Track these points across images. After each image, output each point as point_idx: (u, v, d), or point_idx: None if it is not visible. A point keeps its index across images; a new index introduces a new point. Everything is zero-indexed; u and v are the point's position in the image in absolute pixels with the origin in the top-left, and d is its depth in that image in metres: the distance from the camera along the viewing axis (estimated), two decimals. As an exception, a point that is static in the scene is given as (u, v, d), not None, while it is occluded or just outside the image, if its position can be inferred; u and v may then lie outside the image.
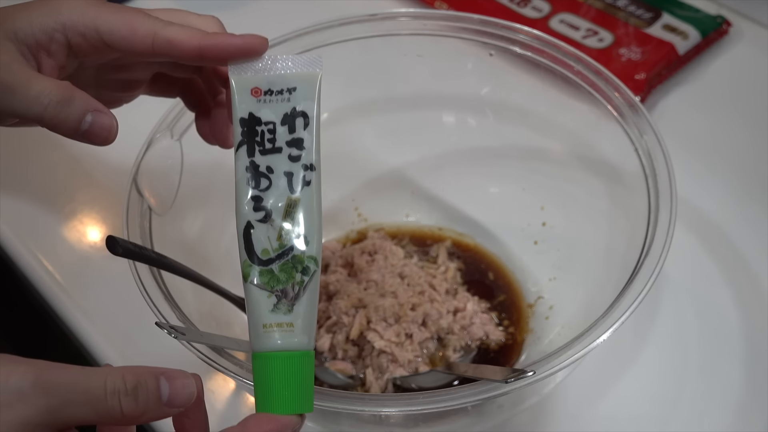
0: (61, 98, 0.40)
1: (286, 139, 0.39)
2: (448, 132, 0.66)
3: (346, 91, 0.63)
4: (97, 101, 0.41)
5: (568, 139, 0.60)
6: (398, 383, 0.54)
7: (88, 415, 0.33)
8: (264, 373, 0.38)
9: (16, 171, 0.70)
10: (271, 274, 0.38)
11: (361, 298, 0.57)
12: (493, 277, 0.62)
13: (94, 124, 0.40)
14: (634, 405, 0.54)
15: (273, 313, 0.38)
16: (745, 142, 0.69)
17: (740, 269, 0.60)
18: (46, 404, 0.32)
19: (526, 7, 0.79)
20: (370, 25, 0.59)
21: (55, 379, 0.32)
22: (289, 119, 0.39)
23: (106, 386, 0.33)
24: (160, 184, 0.52)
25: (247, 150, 0.39)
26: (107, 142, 0.41)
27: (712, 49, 0.76)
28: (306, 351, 0.38)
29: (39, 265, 0.64)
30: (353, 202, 0.66)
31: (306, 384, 0.38)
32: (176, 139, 0.53)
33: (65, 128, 0.40)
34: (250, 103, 0.39)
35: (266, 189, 0.39)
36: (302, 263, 0.38)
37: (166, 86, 0.49)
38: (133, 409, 0.33)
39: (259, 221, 0.38)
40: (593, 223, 0.57)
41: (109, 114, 0.41)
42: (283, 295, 0.38)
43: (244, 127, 0.39)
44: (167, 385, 0.34)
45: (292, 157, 0.39)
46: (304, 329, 0.38)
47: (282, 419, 0.37)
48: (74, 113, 0.40)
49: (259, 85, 0.39)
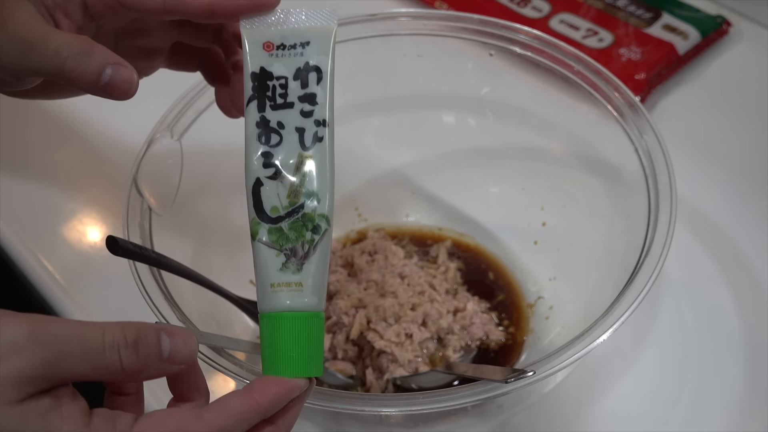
0: (81, 50, 0.39)
1: (299, 94, 0.38)
2: (448, 132, 0.66)
3: (346, 91, 0.63)
4: (117, 55, 0.40)
5: (568, 139, 0.60)
6: (398, 383, 0.54)
7: (85, 368, 0.32)
8: (271, 334, 0.36)
9: (16, 171, 0.70)
10: (280, 233, 0.37)
11: (361, 298, 0.57)
12: (493, 277, 0.62)
13: (114, 77, 0.40)
14: (634, 405, 0.54)
15: (281, 272, 0.36)
16: (745, 142, 0.69)
17: (740, 269, 0.60)
18: (42, 357, 0.31)
19: (526, 7, 0.79)
20: (370, 25, 0.59)
21: (50, 332, 0.31)
22: (301, 74, 0.38)
23: (104, 339, 0.32)
24: (160, 184, 0.52)
25: (258, 105, 0.38)
26: (127, 96, 0.40)
27: (712, 49, 0.76)
28: (316, 312, 0.37)
29: (39, 265, 0.64)
30: (353, 202, 0.66)
31: (315, 346, 0.36)
32: (176, 139, 0.53)
33: (85, 81, 0.40)
34: (262, 58, 0.38)
35: (277, 145, 0.37)
36: (313, 221, 0.37)
37: (186, 59, 0.48)
38: (134, 363, 0.32)
39: (269, 178, 0.37)
40: (593, 223, 0.57)
41: (129, 67, 0.40)
42: (293, 253, 0.37)
43: (255, 81, 0.38)
44: (168, 340, 0.34)
45: (304, 113, 0.38)
46: (313, 289, 0.37)
47: (289, 382, 0.36)
48: (94, 65, 0.39)
49: (271, 39, 0.38)
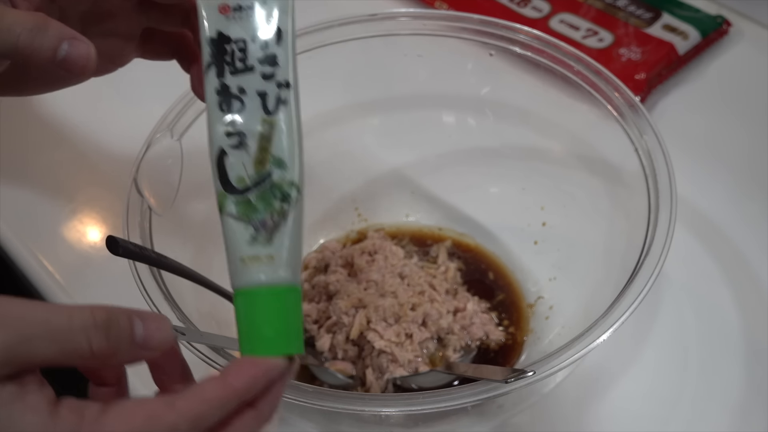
0: (34, 26, 0.38)
1: (258, 56, 0.36)
2: (448, 132, 0.66)
3: (346, 91, 0.63)
4: (74, 31, 0.39)
5: (568, 139, 0.60)
6: (398, 383, 0.54)
7: (51, 352, 0.30)
8: (244, 311, 0.34)
9: (16, 171, 0.70)
10: (248, 204, 0.35)
11: (361, 298, 0.57)
12: (493, 277, 0.62)
13: (70, 53, 0.39)
14: (634, 405, 0.54)
15: (251, 245, 0.35)
16: (745, 141, 0.69)
17: (740, 269, 0.60)
18: (3, 339, 0.29)
19: (526, 7, 0.79)
20: (370, 25, 0.59)
21: (11, 314, 0.30)
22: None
23: (72, 321, 0.30)
24: (160, 184, 0.52)
25: (217, 71, 0.36)
26: (85, 72, 0.39)
27: (712, 49, 0.76)
28: (291, 285, 0.35)
29: (39, 265, 0.64)
30: (353, 202, 0.66)
31: (292, 322, 0.35)
32: (176, 139, 0.53)
33: (40, 57, 0.38)
34: (219, 21, 0.37)
35: (239, 111, 0.36)
36: (281, 189, 0.35)
37: (159, 46, 0.47)
38: (104, 347, 0.31)
39: (233, 147, 0.35)
40: (593, 223, 0.57)
41: (86, 42, 0.39)
42: (262, 225, 0.35)
43: (213, 47, 0.36)
44: (141, 324, 0.32)
45: (265, 76, 0.36)
46: (287, 262, 0.35)
47: (266, 362, 0.33)
48: (49, 41, 0.38)
49: (227, 2, 0.37)
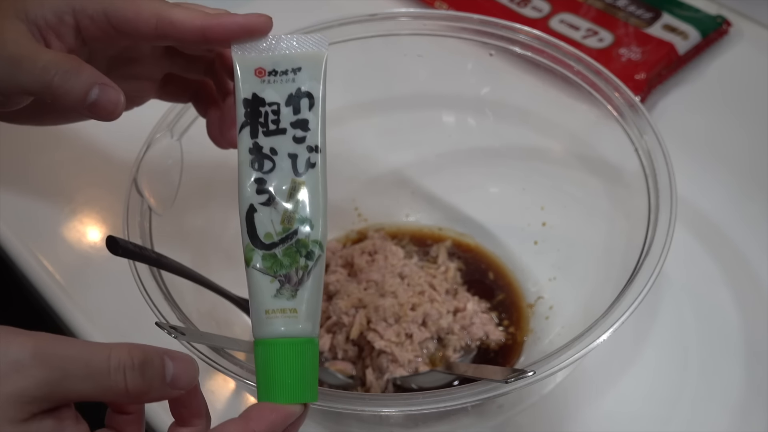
0: (69, 68, 0.39)
1: (291, 120, 0.38)
2: (448, 132, 0.66)
3: (346, 91, 0.63)
4: (104, 76, 0.40)
5: (568, 139, 0.60)
6: (398, 383, 0.54)
7: (88, 389, 0.32)
8: (266, 360, 0.37)
9: (16, 171, 0.70)
10: (274, 259, 0.37)
11: (361, 298, 0.57)
12: (493, 277, 0.62)
13: (100, 97, 0.40)
14: (634, 405, 0.54)
15: (276, 298, 0.37)
16: (745, 141, 0.69)
17: (740, 269, 0.60)
18: (45, 377, 0.31)
19: (526, 7, 0.79)
20: (370, 25, 0.59)
21: (54, 352, 0.31)
22: (293, 100, 0.38)
23: (110, 360, 0.32)
24: (160, 184, 0.52)
25: (251, 131, 0.38)
26: (112, 117, 0.41)
27: (712, 49, 0.76)
28: (310, 338, 0.37)
29: (39, 265, 0.64)
30: (353, 202, 0.66)
31: (310, 372, 0.37)
32: (176, 139, 0.53)
33: (71, 99, 0.40)
34: (254, 84, 0.38)
35: (270, 171, 0.38)
36: (306, 247, 0.37)
37: (178, 90, 0.48)
38: (139, 386, 0.33)
39: (263, 204, 0.37)
40: (593, 223, 0.57)
41: (116, 89, 0.40)
42: (287, 280, 0.37)
43: (248, 107, 0.38)
44: (172, 364, 0.34)
45: (296, 139, 0.38)
46: (308, 315, 0.37)
47: (285, 408, 0.36)
48: (81, 84, 0.39)
49: (263, 66, 0.39)
